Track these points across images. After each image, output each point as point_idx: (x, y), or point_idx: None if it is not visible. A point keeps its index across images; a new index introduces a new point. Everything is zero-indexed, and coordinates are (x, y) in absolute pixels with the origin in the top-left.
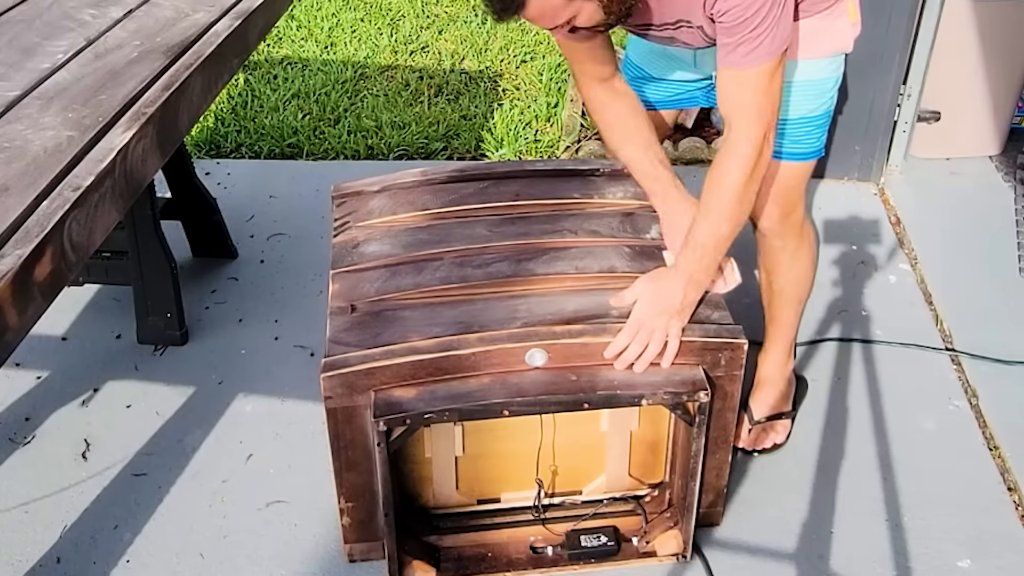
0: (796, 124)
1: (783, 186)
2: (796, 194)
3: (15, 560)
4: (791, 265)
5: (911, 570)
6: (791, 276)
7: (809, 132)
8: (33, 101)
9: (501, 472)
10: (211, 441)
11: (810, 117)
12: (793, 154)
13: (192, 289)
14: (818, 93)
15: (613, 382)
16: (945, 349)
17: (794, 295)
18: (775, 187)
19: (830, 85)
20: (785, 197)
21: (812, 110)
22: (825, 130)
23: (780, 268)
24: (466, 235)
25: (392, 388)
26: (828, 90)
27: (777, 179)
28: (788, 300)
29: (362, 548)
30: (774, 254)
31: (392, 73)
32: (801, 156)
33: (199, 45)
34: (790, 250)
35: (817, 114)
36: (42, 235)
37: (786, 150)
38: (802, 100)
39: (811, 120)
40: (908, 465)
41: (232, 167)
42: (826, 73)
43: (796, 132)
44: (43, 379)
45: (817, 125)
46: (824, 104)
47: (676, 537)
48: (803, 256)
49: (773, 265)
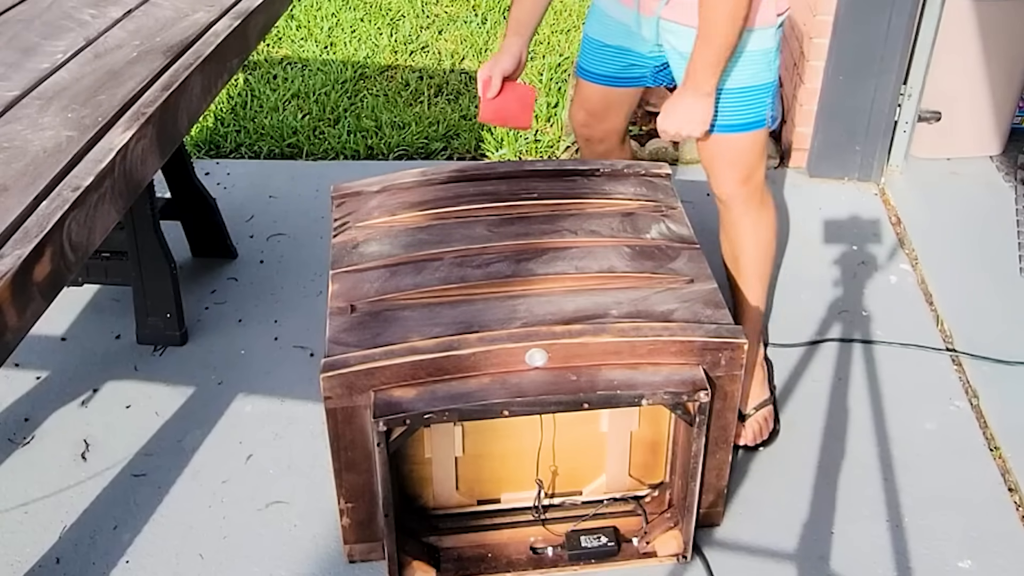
0: (747, 92)
1: (738, 154)
2: (752, 159)
3: (14, 560)
4: (755, 232)
5: (911, 570)
6: (754, 247)
7: (756, 101)
8: (32, 101)
9: (501, 472)
10: (211, 441)
11: (758, 86)
12: (743, 124)
13: (192, 289)
14: (767, 62)
15: (613, 382)
16: (946, 349)
17: (759, 269)
18: (730, 157)
19: (773, 55)
20: (742, 164)
21: (761, 79)
22: (772, 99)
23: (743, 237)
24: (466, 235)
25: (392, 388)
26: (772, 59)
27: (732, 150)
28: (753, 274)
29: (362, 548)
30: (737, 223)
31: (392, 73)
32: (749, 126)
33: (199, 45)
34: (752, 217)
35: (765, 83)
36: (41, 235)
37: (736, 121)
38: (752, 70)
39: (758, 88)
40: (908, 465)
41: (232, 167)
42: (771, 43)
43: (744, 101)
44: (42, 379)
45: (765, 94)
46: (772, 73)
47: (676, 537)
48: (764, 224)
49: (736, 234)
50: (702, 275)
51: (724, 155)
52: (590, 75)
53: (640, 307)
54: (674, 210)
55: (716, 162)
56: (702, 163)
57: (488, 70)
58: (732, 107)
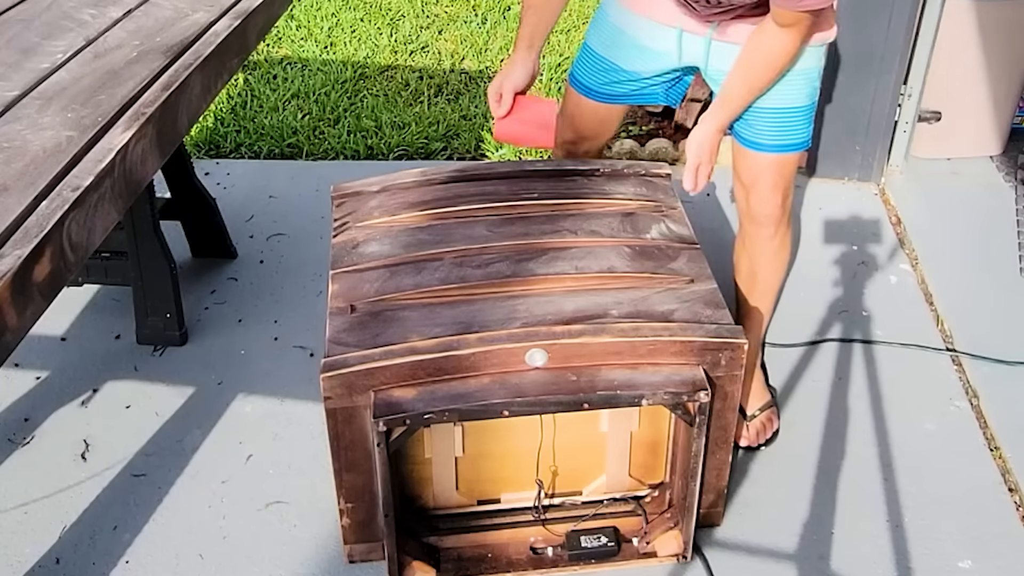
0: (786, 113)
1: (786, 175)
2: (792, 179)
3: (14, 561)
4: (777, 254)
5: (912, 571)
6: (775, 265)
7: (796, 123)
8: (32, 101)
9: (501, 472)
10: (211, 442)
11: (800, 107)
12: (787, 145)
13: (192, 289)
14: (807, 82)
15: (613, 382)
16: (946, 349)
17: (774, 285)
18: (776, 177)
19: (816, 75)
20: (784, 184)
21: (802, 100)
22: (810, 122)
23: (766, 257)
24: (466, 235)
25: (392, 388)
26: (814, 80)
27: (777, 171)
28: (768, 290)
29: (362, 549)
30: (763, 243)
31: (392, 73)
32: (793, 147)
33: (199, 45)
34: (780, 238)
35: (805, 104)
36: (41, 235)
37: (780, 142)
38: (792, 89)
39: (799, 110)
40: (909, 465)
41: (232, 167)
42: (812, 63)
43: (785, 121)
44: (42, 379)
45: (805, 116)
46: (811, 95)
47: (676, 538)
48: (787, 246)
49: (760, 254)
50: (702, 275)
51: (772, 175)
52: (590, 91)
53: (640, 307)
54: (674, 210)
55: (762, 182)
56: (743, 182)
57: (498, 85)
58: (791, 126)
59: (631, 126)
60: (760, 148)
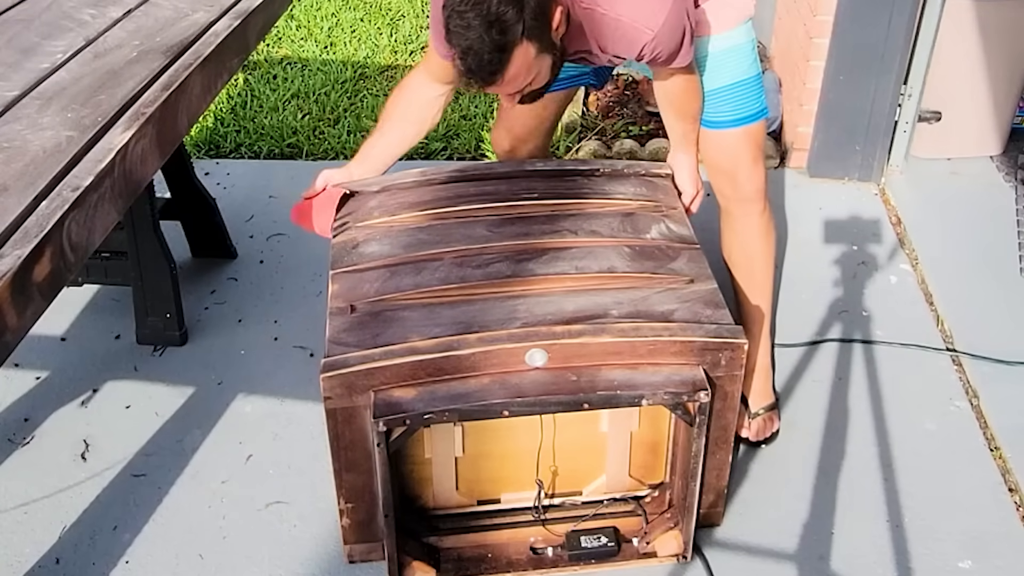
0: (733, 88)
1: (758, 147)
2: (757, 150)
3: (14, 561)
4: (768, 230)
5: (912, 571)
6: (767, 243)
7: (746, 94)
8: (32, 101)
9: (501, 473)
10: (210, 442)
11: (743, 80)
12: (749, 116)
13: (191, 289)
14: (742, 57)
15: (613, 382)
16: (946, 349)
17: (769, 270)
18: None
19: (749, 48)
20: (760, 155)
21: (743, 73)
22: (761, 91)
23: (759, 234)
24: (466, 235)
25: (392, 388)
26: (749, 53)
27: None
28: (766, 277)
29: (362, 549)
30: (753, 220)
31: (392, 73)
32: (755, 116)
33: (198, 45)
34: (767, 213)
35: (748, 76)
36: (41, 235)
37: (742, 114)
38: (731, 66)
39: (744, 83)
40: (909, 465)
41: (232, 167)
42: (742, 39)
43: (735, 96)
44: (42, 380)
45: (752, 87)
46: (751, 67)
47: (676, 538)
48: (773, 221)
49: (752, 234)
50: (702, 275)
51: (750, 149)
52: None
53: (640, 307)
54: (674, 210)
55: (743, 160)
56: (723, 169)
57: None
58: (745, 97)
59: (631, 126)
60: (727, 124)
